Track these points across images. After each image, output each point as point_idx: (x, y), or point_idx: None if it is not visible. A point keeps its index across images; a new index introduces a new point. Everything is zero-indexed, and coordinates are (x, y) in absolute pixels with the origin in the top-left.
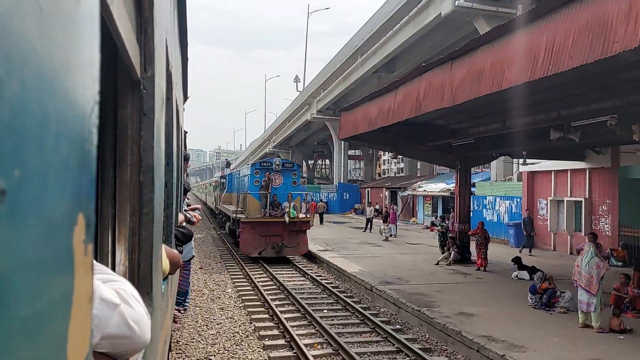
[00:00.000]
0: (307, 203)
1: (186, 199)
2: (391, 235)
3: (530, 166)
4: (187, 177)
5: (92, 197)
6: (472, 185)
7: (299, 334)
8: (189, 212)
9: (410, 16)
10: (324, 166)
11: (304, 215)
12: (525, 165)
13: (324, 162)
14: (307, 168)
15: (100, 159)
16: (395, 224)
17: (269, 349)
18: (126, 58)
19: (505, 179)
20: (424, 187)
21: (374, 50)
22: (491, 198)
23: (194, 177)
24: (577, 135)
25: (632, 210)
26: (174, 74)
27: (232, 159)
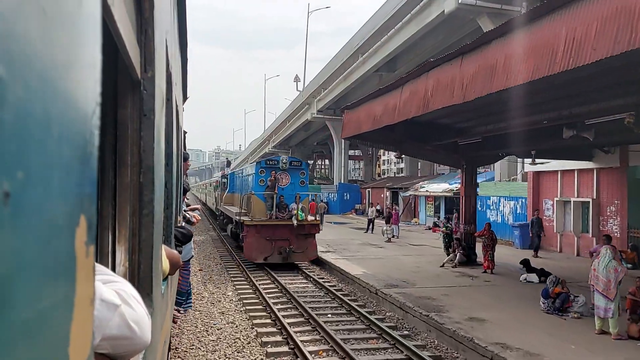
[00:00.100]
0: (316, 204)
1: (185, 199)
2: (393, 236)
3: (536, 166)
4: (187, 178)
5: (94, 198)
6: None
7: (303, 341)
8: (189, 212)
9: (413, 14)
10: (323, 166)
11: (312, 217)
12: (534, 165)
13: (324, 162)
14: None
15: (101, 160)
16: (397, 224)
17: (272, 357)
18: (126, 59)
19: (509, 179)
20: (426, 187)
21: (375, 49)
22: (495, 198)
23: (193, 177)
24: (592, 133)
25: None
26: (174, 75)
27: (231, 159)
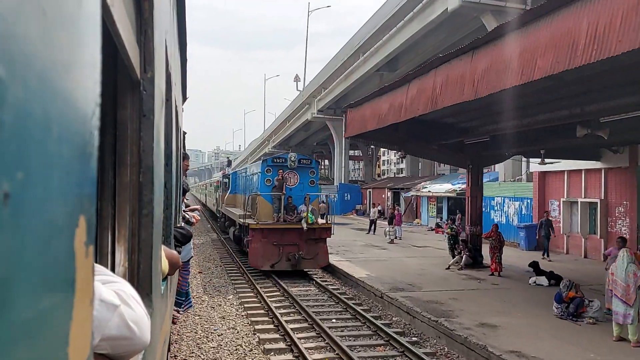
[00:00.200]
0: (327, 205)
1: (185, 200)
2: (396, 238)
3: (542, 166)
4: (186, 178)
5: (93, 199)
6: None
7: (307, 348)
8: (188, 212)
9: (415, 12)
10: (323, 166)
11: (323, 220)
12: (544, 165)
13: (323, 163)
14: None
15: (100, 160)
16: (400, 225)
17: None
18: (126, 59)
19: (514, 179)
20: (428, 187)
21: (377, 48)
22: (500, 199)
23: (193, 177)
24: (606, 132)
25: None
26: (174, 75)
27: (231, 159)
